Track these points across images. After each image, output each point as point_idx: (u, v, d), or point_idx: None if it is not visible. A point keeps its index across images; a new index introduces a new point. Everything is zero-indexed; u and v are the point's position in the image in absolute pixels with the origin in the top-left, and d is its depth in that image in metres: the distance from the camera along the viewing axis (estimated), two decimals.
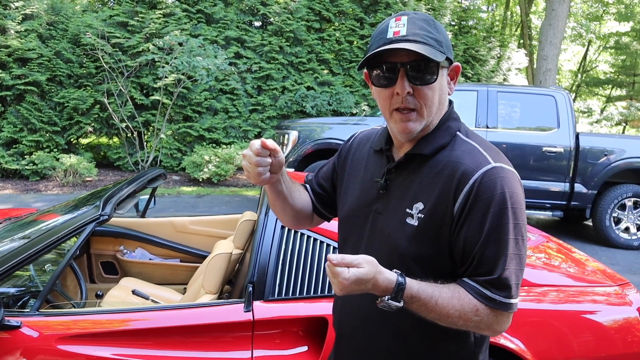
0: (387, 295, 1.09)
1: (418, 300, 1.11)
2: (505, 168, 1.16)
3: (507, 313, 1.15)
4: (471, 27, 14.96)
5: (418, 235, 1.19)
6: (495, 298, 1.13)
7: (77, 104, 9.76)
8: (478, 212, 1.12)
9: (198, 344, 2.13)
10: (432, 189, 1.18)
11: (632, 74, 22.77)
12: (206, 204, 8.10)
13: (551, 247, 3.05)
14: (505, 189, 1.12)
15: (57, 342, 2.05)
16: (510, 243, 1.12)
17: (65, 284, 3.00)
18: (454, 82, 1.25)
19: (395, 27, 1.15)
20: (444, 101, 1.23)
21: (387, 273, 1.10)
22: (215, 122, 10.79)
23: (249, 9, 11.72)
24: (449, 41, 1.20)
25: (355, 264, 1.06)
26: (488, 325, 1.15)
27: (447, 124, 1.24)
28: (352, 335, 1.35)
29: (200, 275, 2.89)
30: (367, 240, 1.29)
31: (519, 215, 1.14)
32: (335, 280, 1.06)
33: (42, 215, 2.95)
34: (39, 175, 9.27)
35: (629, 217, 6.74)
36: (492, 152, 1.20)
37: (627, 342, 2.28)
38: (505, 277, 1.12)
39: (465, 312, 1.12)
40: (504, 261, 1.12)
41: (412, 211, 1.20)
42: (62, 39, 9.95)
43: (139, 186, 2.94)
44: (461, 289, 1.14)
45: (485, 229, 1.12)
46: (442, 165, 1.19)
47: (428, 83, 1.16)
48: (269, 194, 1.37)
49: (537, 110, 6.91)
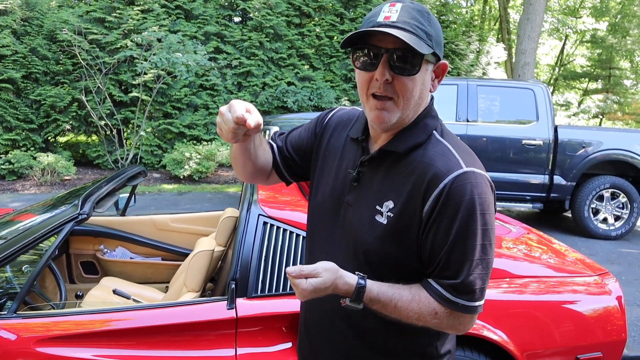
0: (348, 297, 1.12)
1: (378, 302, 1.13)
2: (477, 172, 1.14)
3: (471, 315, 1.16)
4: (451, 22, 15.05)
5: (386, 235, 1.18)
6: (458, 302, 1.13)
7: (55, 101, 9.59)
8: (446, 217, 1.12)
9: (181, 342, 2.10)
10: (402, 188, 1.17)
11: (607, 67, 23.12)
12: (188, 202, 8.04)
13: (532, 238, 3.09)
14: (474, 194, 1.11)
15: (36, 344, 2.01)
16: (477, 249, 1.12)
17: (44, 285, 2.94)
18: (438, 80, 1.22)
19: (387, 12, 1.13)
20: (424, 97, 1.20)
21: (348, 277, 1.12)
22: (196, 119, 10.69)
23: (228, 4, 11.63)
24: (440, 37, 1.18)
25: (313, 274, 1.09)
26: (450, 325, 1.17)
27: (424, 121, 1.22)
28: (317, 328, 1.36)
29: (182, 274, 2.86)
30: (335, 231, 1.28)
31: (488, 221, 1.13)
32: (297, 290, 1.10)
33: (19, 216, 2.89)
34: (16, 175, 9.09)
35: (607, 208, 6.85)
36: (465, 155, 1.18)
37: (607, 331, 2.32)
38: (469, 281, 1.13)
39: (423, 315, 1.14)
40: (469, 266, 1.12)
41: (382, 209, 1.19)
42: (37, 35, 9.75)
43: (119, 184, 2.90)
44: (423, 292, 1.16)
45: (452, 233, 1.11)
46: (414, 165, 1.17)
47: (409, 74, 1.13)
48: (235, 148, 1.31)
49: (516, 103, 6.99)
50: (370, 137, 1.29)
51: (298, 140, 1.45)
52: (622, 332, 2.32)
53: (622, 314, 2.35)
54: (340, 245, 1.24)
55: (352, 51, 1.18)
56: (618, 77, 23.31)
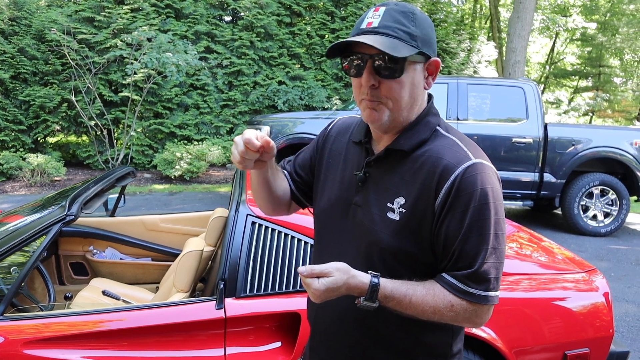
0: (362, 297, 1.12)
1: (392, 300, 1.13)
2: (485, 164, 1.17)
3: (487, 306, 1.15)
4: (441, 20, 15.08)
5: (400, 230, 1.18)
6: (474, 292, 1.13)
7: (44, 102, 9.52)
8: (459, 208, 1.13)
9: (170, 343, 2.10)
10: (413, 183, 1.18)
11: (597, 65, 23.30)
12: (179, 202, 8.01)
13: (522, 236, 3.10)
14: (486, 184, 1.14)
15: (24, 346, 2.00)
16: (490, 237, 1.13)
17: (33, 287, 2.92)
18: (432, 77, 1.22)
19: (370, 18, 1.15)
20: (418, 97, 1.21)
21: (361, 276, 1.11)
22: (187, 119, 10.66)
23: (218, 4, 11.59)
24: (429, 35, 1.18)
25: (324, 273, 1.09)
26: (466, 318, 1.16)
27: (426, 119, 1.23)
28: (327, 330, 1.35)
29: (171, 274, 2.85)
30: (346, 234, 1.28)
31: (499, 210, 1.15)
32: (309, 291, 1.10)
33: (7, 217, 2.87)
34: (5, 176, 9.02)
35: (597, 205, 6.90)
36: (472, 147, 1.21)
37: (595, 327, 2.34)
38: (484, 270, 1.13)
39: (439, 309, 1.13)
40: (484, 255, 1.13)
41: (394, 205, 1.19)
42: (25, 35, 9.68)
43: (107, 185, 2.88)
44: (437, 286, 1.15)
45: (465, 223, 1.12)
46: (423, 160, 1.19)
47: (393, 77, 1.14)
48: (254, 179, 1.36)
49: (506, 101, 7.01)
50: (373, 139, 1.30)
51: (304, 160, 1.48)
52: (610, 328, 2.34)
53: (609, 310, 2.37)
54: (351, 246, 1.23)
55: (342, 61, 1.21)
56: (608, 75, 23.51)
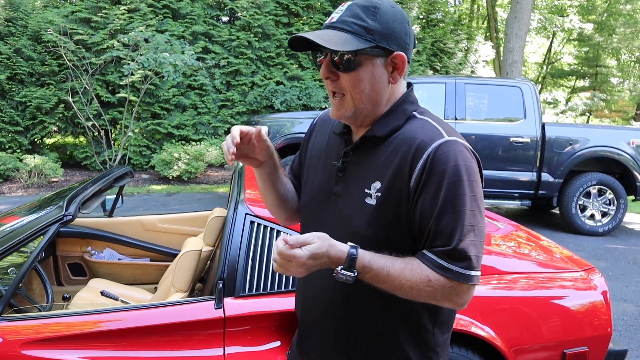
0: (340, 265, 1.12)
1: (370, 271, 1.12)
2: (459, 141, 1.18)
3: (467, 285, 1.13)
4: (439, 20, 15.10)
5: (377, 215, 1.19)
6: (452, 269, 1.12)
7: (40, 103, 9.50)
8: (433, 185, 1.13)
9: (169, 343, 2.09)
10: (388, 167, 1.19)
11: (594, 65, 23.35)
12: (177, 202, 8.00)
13: (520, 235, 3.11)
14: (459, 161, 1.13)
15: (22, 347, 1.99)
16: (466, 214, 1.12)
17: (31, 288, 2.91)
18: (399, 71, 1.22)
19: (335, 13, 1.20)
20: (380, 90, 1.21)
21: (340, 245, 1.13)
22: (184, 119, 10.64)
23: (216, 4, 11.58)
24: (391, 30, 1.17)
25: (307, 241, 1.10)
26: (445, 296, 1.14)
27: (402, 107, 1.25)
28: (316, 321, 1.35)
29: (170, 274, 2.85)
30: (328, 224, 1.29)
31: (475, 188, 1.14)
32: (293, 263, 1.09)
33: (4, 218, 2.86)
34: (2, 177, 8.99)
35: (594, 205, 6.91)
36: (446, 126, 1.22)
37: (593, 326, 2.34)
38: (463, 247, 1.11)
39: (416, 283, 1.12)
40: (460, 232, 1.11)
41: (370, 191, 1.20)
42: (21, 36, 9.65)
43: (105, 185, 2.87)
44: (416, 261, 1.14)
45: (439, 200, 1.12)
46: (397, 142, 1.20)
47: (348, 70, 1.17)
48: (259, 182, 1.40)
49: (504, 101, 7.03)
50: (352, 130, 1.32)
51: (297, 163, 1.51)
52: (608, 327, 2.34)
53: (608, 308, 2.37)
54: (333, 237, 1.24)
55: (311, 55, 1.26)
56: (605, 75, 23.56)
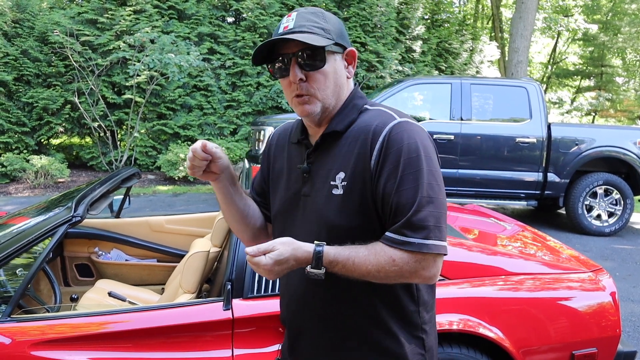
0: (309, 265, 1.17)
1: (337, 264, 1.17)
2: (411, 122, 1.24)
3: (432, 255, 1.16)
4: (444, 21, 15.08)
5: (345, 203, 1.23)
6: (412, 241, 1.15)
7: (47, 103, 9.55)
8: (391, 163, 1.19)
9: (177, 344, 2.10)
10: (349, 155, 1.25)
11: (600, 65, 23.26)
12: (183, 203, 8.02)
13: (527, 236, 3.10)
14: (413, 139, 1.20)
15: (31, 348, 2.00)
16: (424, 186, 1.16)
17: (39, 288, 2.93)
18: (352, 66, 1.33)
19: (285, 23, 1.26)
20: (342, 84, 1.31)
21: (305, 246, 1.17)
22: (190, 120, 10.67)
23: (221, 5, 11.60)
24: (340, 29, 1.30)
25: (270, 249, 1.14)
26: (412, 271, 1.17)
27: (352, 103, 1.32)
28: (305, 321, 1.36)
29: (177, 275, 2.85)
30: (301, 226, 1.32)
31: (431, 163, 1.20)
32: (259, 269, 1.14)
33: (12, 219, 2.87)
34: (9, 178, 9.04)
35: (601, 205, 6.89)
36: (398, 111, 1.29)
37: (602, 327, 2.33)
38: (420, 217, 1.15)
39: (382, 265, 1.16)
40: (418, 203, 1.16)
41: (336, 182, 1.25)
42: (28, 37, 9.70)
43: (112, 186, 2.88)
44: (378, 244, 1.18)
45: (398, 177, 1.18)
46: (355, 132, 1.27)
47: (317, 68, 1.24)
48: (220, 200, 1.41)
49: (509, 101, 7.01)
50: (310, 135, 1.37)
51: (260, 181, 1.53)
52: (617, 328, 2.33)
53: (616, 309, 2.36)
54: (308, 236, 1.26)
55: (268, 66, 1.31)
56: (610, 74, 23.46)
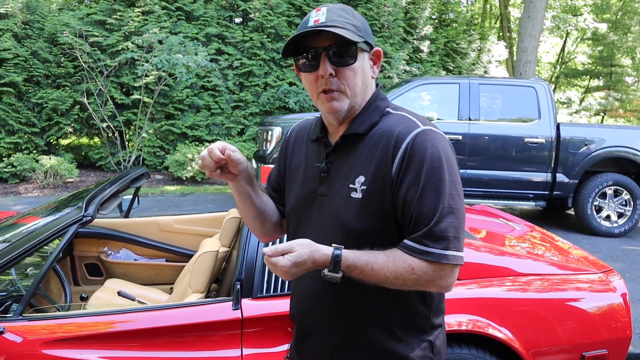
0: (327, 268, 1.16)
1: (355, 269, 1.17)
2: (434, 130, 1.23)
3: (450, 266, 1.17)
4: (451, 20, 15.04)
5: (363, 207, 1.23)
6: (432, 251, 1.16)
7: (56, 104, 9.61)
8: (414, 172, 1.19)
9: (186, 343, 2.11)
10: (371, 160, 1.24)
11: (609, 64, 23.10)
12: (191, 203, 8.05)
13: (535, 236, 3.09)
14: (437, 148, 1.19)
15: (42, 346, 2.02)
16: (445, 197, 1.17)
17: (49, 288, 2.95)
18: (376, 66, 1.33)
19: (315, 17, 1.24)
20: (368, 83, 1.30)
21: (324, 249, 1.17)
22: (198, 120, 10.70)
23: (229, 5, 11.63)
24: (367, 28, 1.29)
25: (288, 249, 1.14)
26: (430, 280, 1.18)
27: (375, 104, 1.31)
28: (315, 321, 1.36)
29: (186, 275, 2.87)
30: (317, 225, 1.32)
31: (453, 173, 1.20)
32: (277, 270, 1.14)
33: (22, 218, 2.90)
34: (18, 178, 9.11)
35: (610, 205, 6.84)
36: (421, 118, 1.28)
37: (612, 328, 2.32)
38: (441, 228, 1.16)
39: (400, 273, 1.16)
40: (440, 213, 1.16)
41: (355, 185, 1.25)
42: (38, 39, 9.77)
43: (122, 186, 2.90)
44: (397, 252, 1.19)
45: (420, 186, 1.17)
46: (377, 136, 1.26)
47: (348, 64, 1.23)
48: (236, 197, 1.41)
49: (518, 101, 6.97)
50: (329, 133, 1.36)
51: (276, 177, 1.53)
52: (627, 330, 2.32)
53: (627, 311, 2.35)
54: (324, 236, 1.26)
55: (294, 60, 1.29)
56: (619, 74, 23.28)
